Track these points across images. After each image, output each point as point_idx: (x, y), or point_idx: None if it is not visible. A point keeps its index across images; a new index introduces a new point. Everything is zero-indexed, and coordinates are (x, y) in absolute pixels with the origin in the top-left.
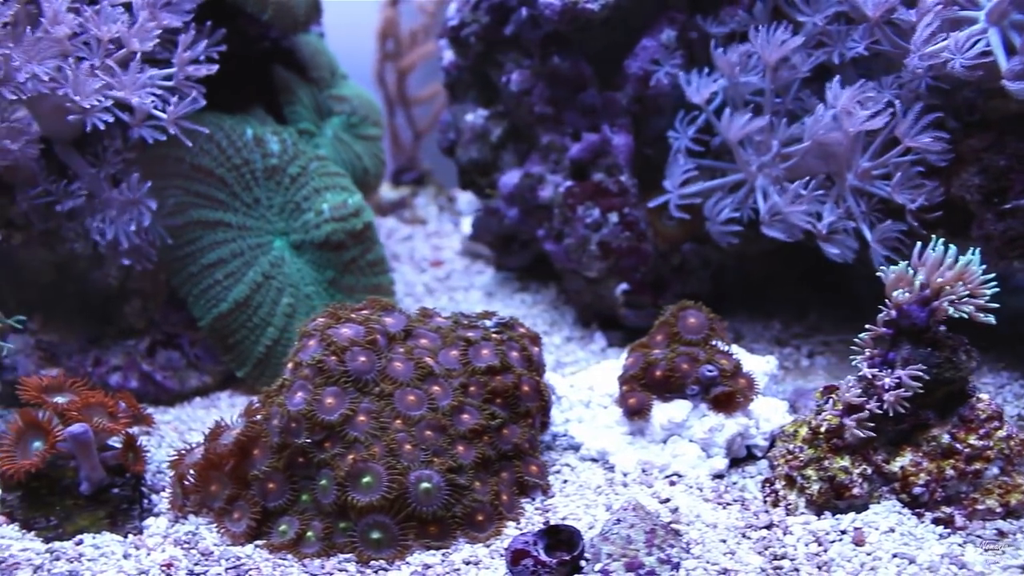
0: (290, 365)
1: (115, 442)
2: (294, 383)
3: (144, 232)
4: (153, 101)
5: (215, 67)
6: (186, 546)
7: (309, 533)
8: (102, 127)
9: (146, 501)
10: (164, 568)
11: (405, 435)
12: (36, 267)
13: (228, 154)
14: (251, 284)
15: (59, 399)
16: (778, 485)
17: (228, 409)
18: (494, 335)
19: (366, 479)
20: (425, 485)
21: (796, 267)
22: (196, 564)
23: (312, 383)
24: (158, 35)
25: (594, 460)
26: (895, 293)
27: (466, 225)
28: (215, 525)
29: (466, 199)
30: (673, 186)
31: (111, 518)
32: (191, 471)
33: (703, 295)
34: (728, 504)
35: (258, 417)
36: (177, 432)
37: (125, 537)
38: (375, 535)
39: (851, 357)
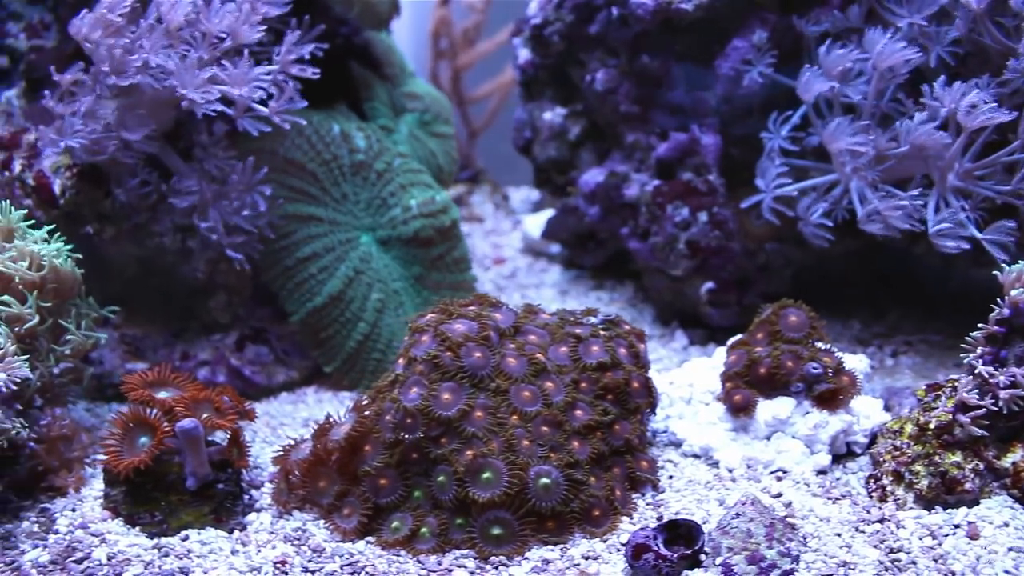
0: (401, 360)
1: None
2: (408, 378)
3: (254, 222)
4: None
5: (318, 71)
6: (296, 542)
7: (424, 529)
8: (202, 116)
9: (246, 497)
10: (278, 565)
11: (522, 431)
12: (121, 261)
13: (318, 149)
14: (344, 279)
15: (163, 394)
16: (885, 480)
17: (315, 404)
18: (602, 332)
19: (486, 475)
20: (544, 480)
21: (872, 267)
22: (309, 561)
23: (427, 379)
24: (262, 27)
25: (696, 456)
26: (1014, 292)
27: (528, 223)
28: (322, 521)
29: (520, 197)
30: (767, 186)
31: (215, 514)
32: (299, 467)
33: (784, 294)
34: (837, 499)
35: (368, 413)
36: (269, 427)
37: (230, 533)
38: (495, 531)
39: (961, 355)
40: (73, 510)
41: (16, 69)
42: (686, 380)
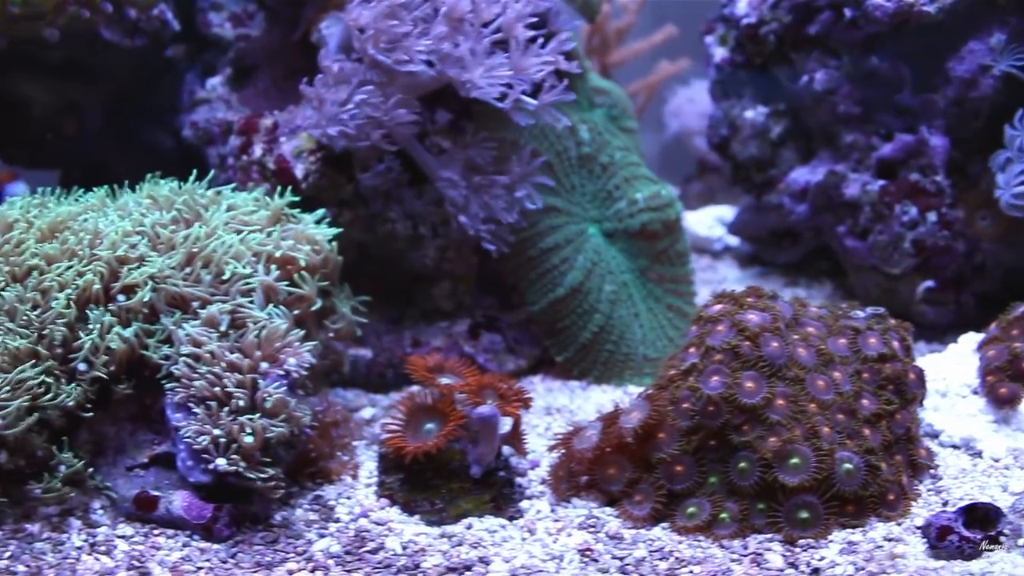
0: (693, 350)
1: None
2: (707, 367)
3: (511, 212)
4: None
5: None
6: (592, 529)
7: (723, 515)
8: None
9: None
10: (584, 552)
11: (821, 418)
12: (341, 247)
13: (551, 140)
14: (583, 270)
15: (444, 380)
16: None
17: (545, 393)
18: (875, 325)
19: (793, 460)
20: (847, 466)
21: None
22: (614, 547)
23: (728, 367)
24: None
25: (955, 447)
26: None
27: (692, 220)
28: (608, 508)
29: None
30: (1006, 183)
31: (494, 501)
32: (586, 454)
33: (996, 294)
34: None
35: (660, 401)
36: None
37: (509, 520)
38: (803, 515)
39: None
40: (349, 498)
41: (222, 57)
42: (940, 374)
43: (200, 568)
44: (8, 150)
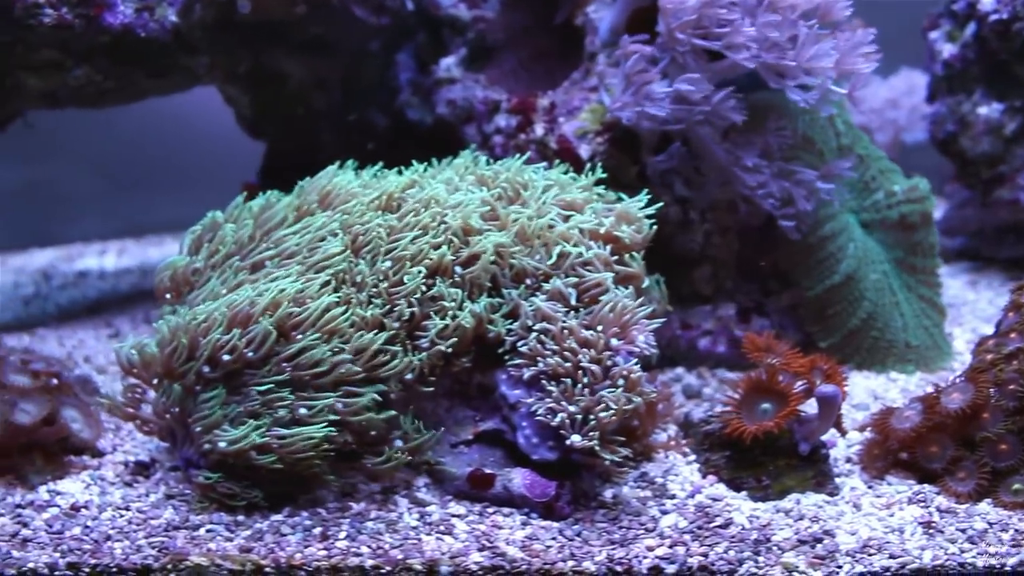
0: (1013, 335)
1: None
2: None
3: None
4: None
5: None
6: (922, 504)
7: None
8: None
9: None
10: (926, 525)
11: None
12: None
13: (816, 130)
14: (855, 258)
15: (770, 360)
16: None
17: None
18: None
19: None
20: None
21: None
22: (953, 520)
23: None
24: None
25: None
26: None
27: None
28: (925, 485)
29: None
30: None
31: (816, 478)
32: (907, 433)
33: None
34: None
35: (985, 383)
36: None
37: (830, 496)
38: None
39: None
40: (676, 474)
41: (457, 38)
42: None
43: (549, 547)
44: (261, 124)
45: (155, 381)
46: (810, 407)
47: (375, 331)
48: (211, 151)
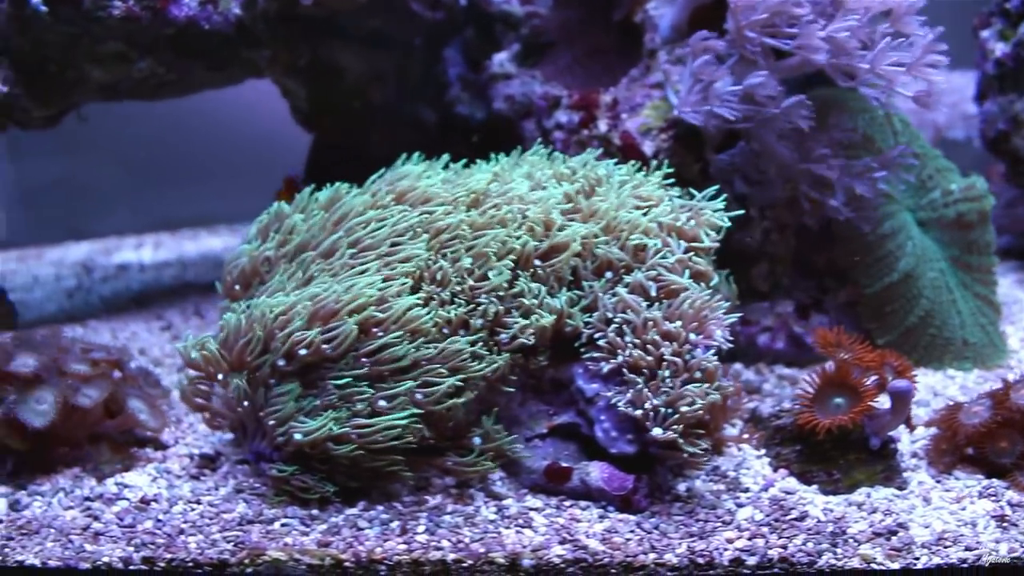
0: None
1: None
2: None
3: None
4: None
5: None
6: (993, 499)
7: None
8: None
9: None
10: (1000, 519)
11: None
12: None
13: (874, 129)
14: (913, 257)
15: (842, 355)
16: None
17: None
18: None
19: None
20: None
21: None
22: None
23: None
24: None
25: None
26: None
27: None
28: (995, 480)
29: None
30: None
31: (885, 472)
32: (976, 429)
33: None
34: None
35: None
36: None
37: (899, 490)
38: None
39: None
40: (748, 467)
41: (510, 34)
42: None
43: (629, 540)
44: (317, 117)
45: (220, 377)
46: (878, 402)
47: (460, 331)
48: (241, 147)
